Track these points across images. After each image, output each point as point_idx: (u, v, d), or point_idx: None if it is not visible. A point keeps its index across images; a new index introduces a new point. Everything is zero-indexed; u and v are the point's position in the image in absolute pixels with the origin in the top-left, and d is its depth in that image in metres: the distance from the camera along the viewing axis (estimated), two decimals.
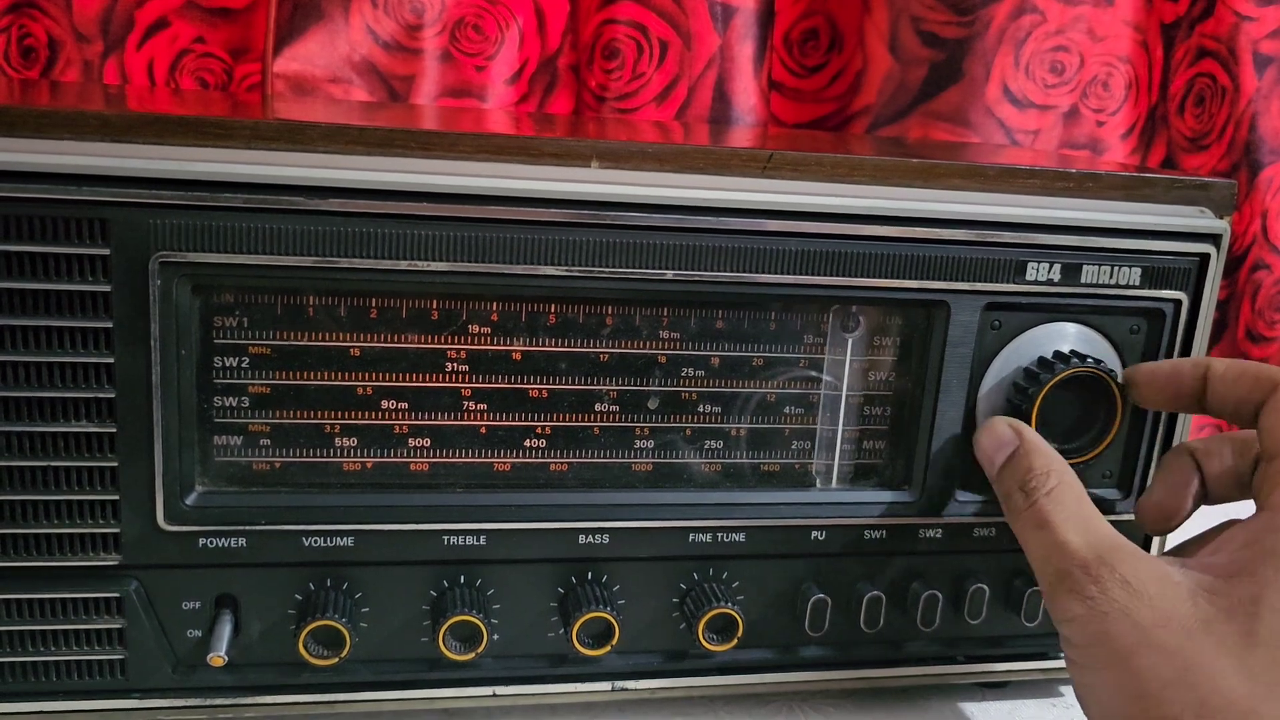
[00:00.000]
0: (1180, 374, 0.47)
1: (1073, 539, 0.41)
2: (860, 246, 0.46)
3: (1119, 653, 0.38)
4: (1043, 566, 0.42)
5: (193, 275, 0.42)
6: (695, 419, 0.49)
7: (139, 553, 0.44)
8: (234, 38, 0.76)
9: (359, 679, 0.48)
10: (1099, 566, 0.40)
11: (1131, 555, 0.40)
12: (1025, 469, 0.45)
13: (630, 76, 0.80)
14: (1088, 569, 0.40)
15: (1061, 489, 0.43)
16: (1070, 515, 0.42)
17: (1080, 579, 0.40)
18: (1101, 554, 0.40)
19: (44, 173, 0.40)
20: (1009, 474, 0.45)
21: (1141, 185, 0.50)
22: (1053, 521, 0.42)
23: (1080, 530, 0.41)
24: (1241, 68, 0.88)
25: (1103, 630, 0.38)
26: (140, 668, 0.45)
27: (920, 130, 0.85)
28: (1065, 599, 0.40)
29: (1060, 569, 0.41)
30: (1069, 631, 0.40)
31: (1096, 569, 0.40)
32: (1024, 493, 0.44)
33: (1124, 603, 0.38)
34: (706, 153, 0.45)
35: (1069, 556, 0.41)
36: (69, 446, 0.42)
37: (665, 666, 0.50)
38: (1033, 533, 0.43)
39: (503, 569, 0.48)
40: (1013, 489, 0.45)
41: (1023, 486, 0.44)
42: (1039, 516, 0.43)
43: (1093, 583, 0.39)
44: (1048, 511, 0.43)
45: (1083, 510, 0.42)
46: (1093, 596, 0.39)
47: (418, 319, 0.45)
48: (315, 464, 0.46)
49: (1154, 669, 0.37)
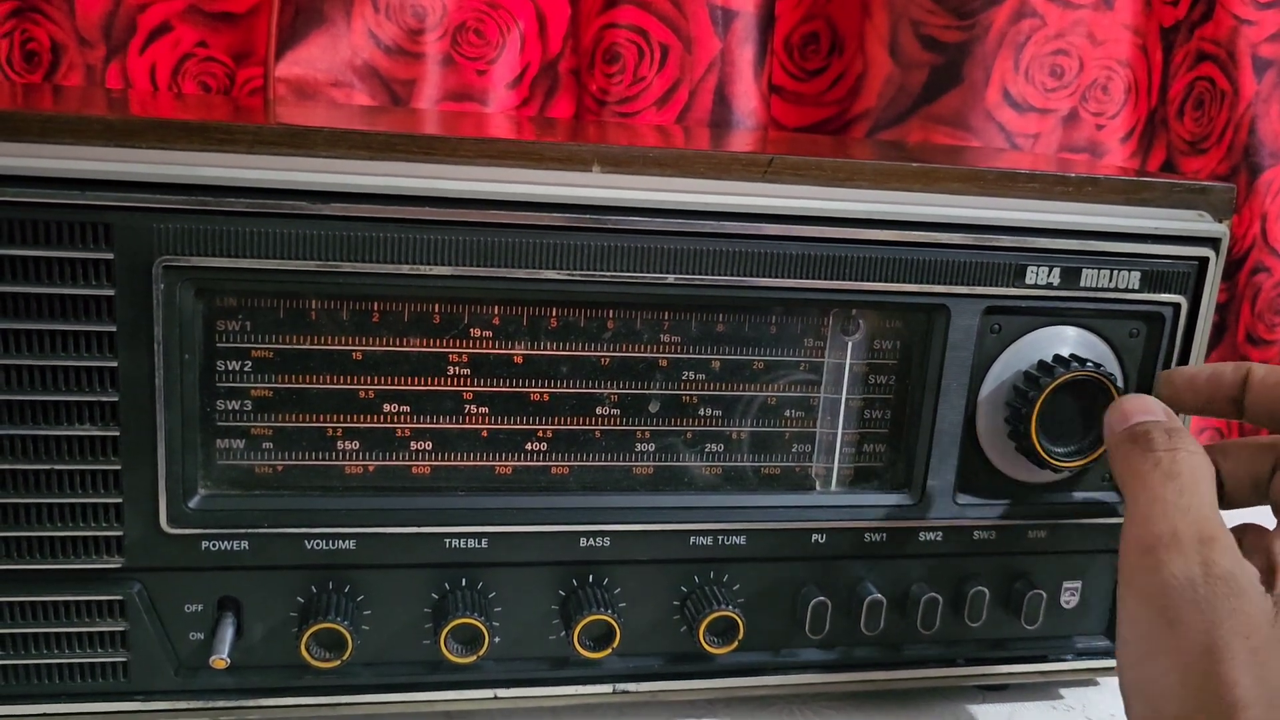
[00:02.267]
0: (1221, 378, 0.46)
1: (1208, 509, 0.40)
2: (860, 250, 0.47)
3: (1206, 629, 0.37)
4: (1158, 523, 0.40)
5: (196, 279, 0.42)
6: (696, 422, 0.49)
7: (142, 555, 0.44)
8: (236, 42, 0.76)
9: (361, 681, 0.48)
10: (1212, 546, 0.39)
11: (1235, 554, 0.39)
12: (1156, 419, 0.44)
13: (631, 80, 0.80)
14: (1212, 542, 0.39)
15: (1195, 452, 0.42)
16: (1201, 474, 0.41)
17: (1199, 549, 0.38)
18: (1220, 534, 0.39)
19: (48, 177, 0.40)
20: (1142, 424, 0.44)
21: (1140, 189, 0.50)
22: (1180, 477, 0.41)
23: (1202, 499, 0.40)
24: (1241, 71, 0.88)
25: (1202, 605, 0.37)
26: (143, 670, 0.46)
27: (920, 134, 0.85)
28: (1178, 561, 0.38)
29: (1189, 532, 0.39)
30: (1164, 600, 0.38)
31: (1211, 547, 0.38)
32: (1147, 444, 0.42)
33: (1228, 581, 0.37)
34: (707, 157, 0.46)
35: (1202, 522, 0.39)
36: (72, 450, 0.42)
37: (666, 669, 0.51)
38: (1164, 483, 0.41)
39: (504, 572, 0.48)
40: (1133, 440, 0.43)
41: (1152, 441, 0.43)
42: (1169, 468, 0.41)
43: (1218, 553, 0.38)
44: (1174, 468, 0.41)
45: (1209, 477, 0.41)
46: (1210, 563, 0.38)
47: (420, 323, 0.45)
48: (317, 467, 0.46)
49: (1236, 653, 0.36)
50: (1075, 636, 0.55)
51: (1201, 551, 0.38)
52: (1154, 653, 0.38)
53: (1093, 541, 0.53)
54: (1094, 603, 0.55)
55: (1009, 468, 0.51)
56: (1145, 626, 0.39)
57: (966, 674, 0.54)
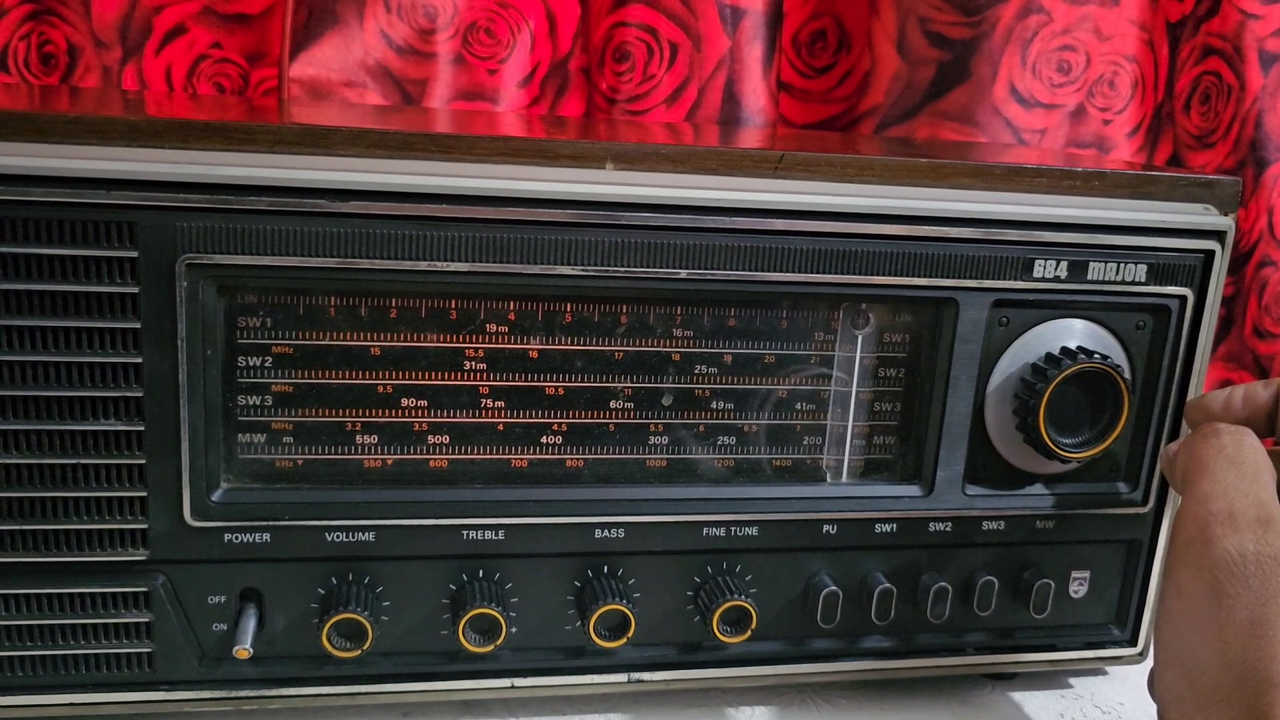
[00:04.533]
0: (1255, 398, 0.47)
1: (1267, 495, 0.41)
2: (870, 245, 0.47)
3: (1254, 604, 0.38)
4: (1217, 501, 0.41)
5: (218, 276, 0.43)
6: (708, 415, 0.50)
7: (166, 548, 0.45)
8: (250, 43, 0.77)
9: (380, 671, 0.49)
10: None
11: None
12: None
13: (641, 79, 0.81)
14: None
15: (1259, 449, 0.43)
16: (1264, 466, 0.42)
17: (1256, 529, 0.39)
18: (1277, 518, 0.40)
19: (73, 178, 0.41)
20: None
21: (1147, 183, 0.50)
22: (1247, 467, 0.42)
23: (1272, 492, 0.41)
24: (1247, 65, 0.89)
25: (1253, 582, 0.38)
26: (167, 661, 0.46)
27: (928, 130, 0.86)
28: (1233, 538, 0.39)
29: (1248, 513, 0.40)
30: (1215, 574, 0.39)
31: (1268, 528, 0.39)
32: (1233, 430, 0.43)
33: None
34: (718, 154, 0.46)
35: (1260, 505, 0.40)
36: (98, 444, 0.43)
37: (680, 658, 0.51)
38: (1226, 468, 0.42)
39: (521, 563, 0.49)
40: (1221, 427, 0.44)
41: (1235, 429, 0.43)
42: (1232, 455, 0.42)
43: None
44: (1236, 454, 0.42)
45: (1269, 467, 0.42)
46: (1265, 543, 0.39)
47: (437, 318, 0.46)
48: (337, 461, 0.47)
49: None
50: (1083, 626, 0.56)
51: (1257, 531, 0.39)
52: (1199, 625, 0.39)
53: (1101, 532, 0.54)
54: (1102, 592, 0.55)
55: (1017, 459, 0.52)
56: (1194, 599, 0.40)
57: (975, 663, 0.55)
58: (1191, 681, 0.39)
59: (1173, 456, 0.45)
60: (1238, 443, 0.43)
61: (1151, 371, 0.52)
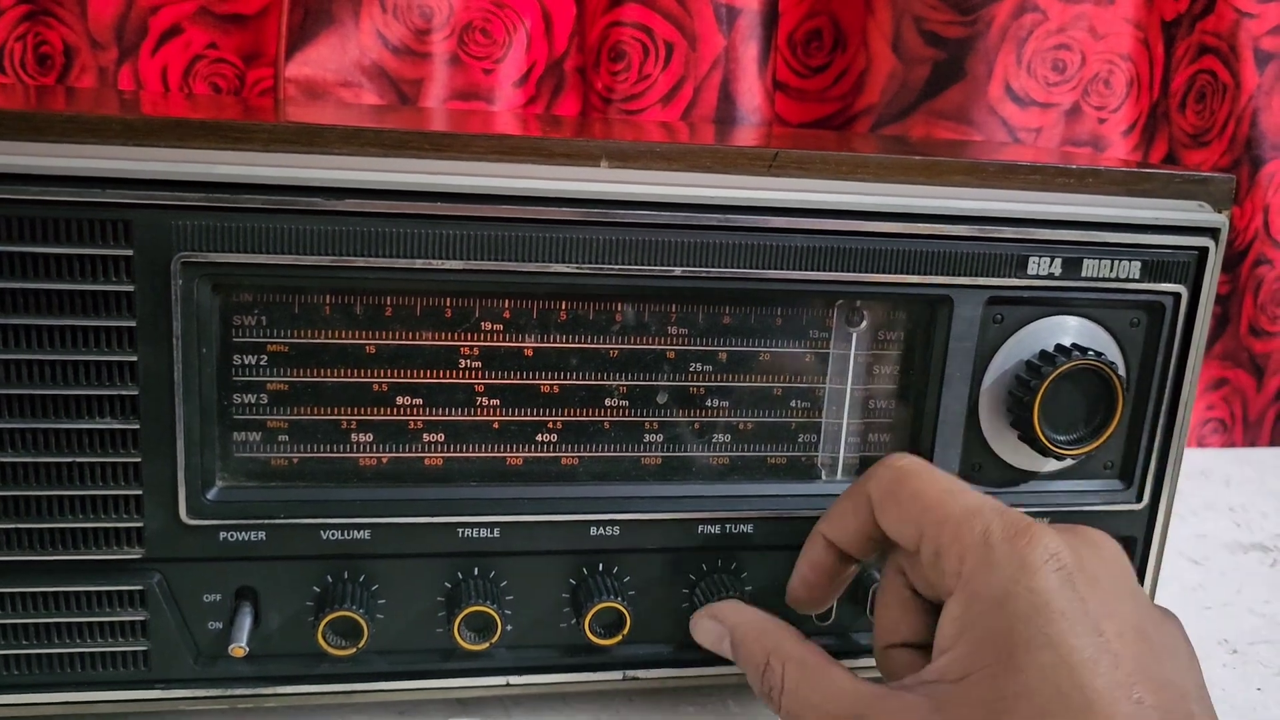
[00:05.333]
0: (820, 564, 0.47)
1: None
2: (864, 243, 0.47)
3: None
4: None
5: (213, 275, 0.43)
6: (703, 413, 0.50)
7: (161, 546, 0.45)
8: (246, 43, 0.77)
9: (376, 669, 0.49)
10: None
11: (882, 705, 0.38)
12: (750, 665, 0.44)
13: (636, 78, 0.81)
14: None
15: (791, 671, 0.42)
16: (812, 702, 0.41)
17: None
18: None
19: (69, 176, 0.41)
20: (743, 665, 0.44)
21: (1141, 180, 0.51)
22: (804, 716, 0.41)
23: (828, 706, 0.40)
24: (1242, 64, 0.89)
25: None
26: (162, 659, 0.46)
27: (923, 129, 0.86)
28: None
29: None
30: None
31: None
32: (766, 693, 0.43)
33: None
34: (713, 152, 0.46)
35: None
36: (93, 443, 0.43)
37: (676, 656, 0.51)
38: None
39: (516, 561, 0.49)
40: (754, 683, 0.43)
41: (762, 686, 0.43)
42: (790, 714, 0.42)
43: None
44: (795, 710, 0.41)
45: (819, 685, 0.41)
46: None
47: (432, 316, 0.46)
48: (332, 459, 0.47)
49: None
50: None
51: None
52: None
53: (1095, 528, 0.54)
54: None
55: (1012, 456, 0.52)
56: None
57: None
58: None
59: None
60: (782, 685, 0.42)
61: (1146, 368, 0.52)
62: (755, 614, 0.46)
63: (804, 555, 0.48)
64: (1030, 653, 0.35)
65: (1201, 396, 1.00)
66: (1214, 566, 0.73)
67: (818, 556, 0.47)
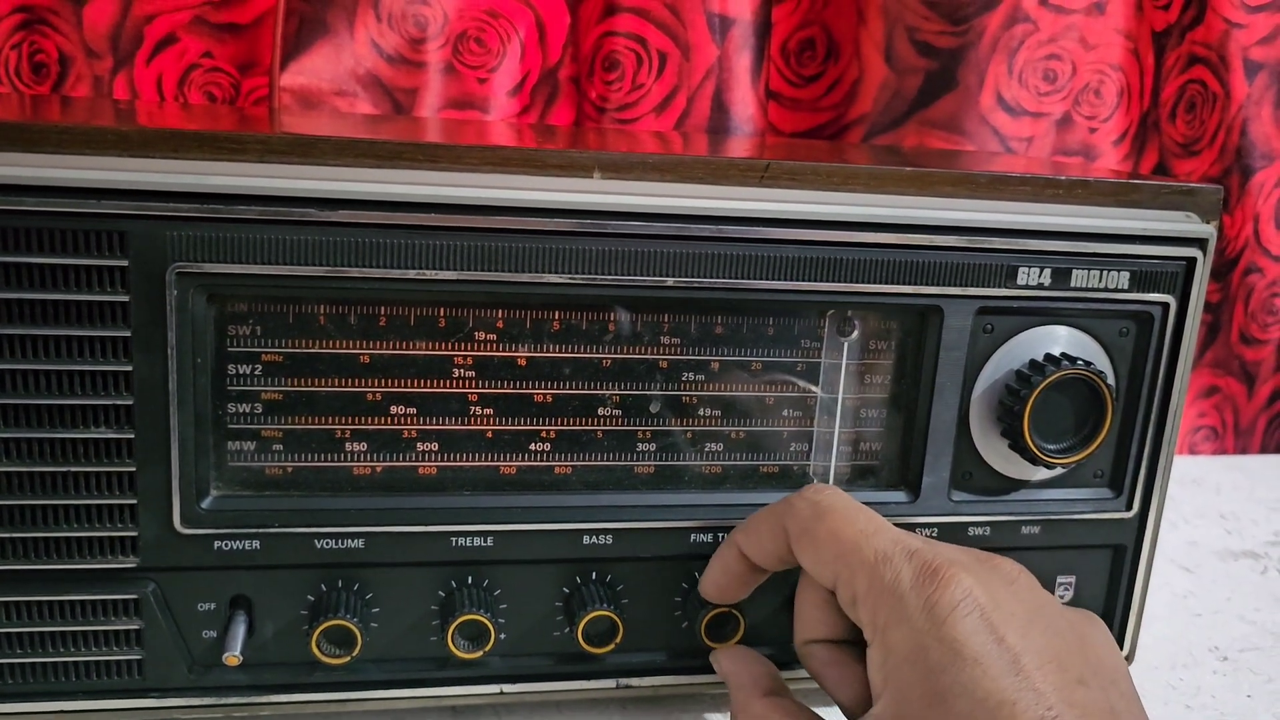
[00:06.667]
0: (730, 569, 0.48)
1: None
2: (855, 253, 0.48)
3: None
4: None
5: (208, 285, 0.43)
6: (696, 422, 0.50)
7: (156, 555, 0.45)
8: (241, 53, 0.77)
9: (370, 678, 0.49)
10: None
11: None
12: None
13: (630, 87, 0.82)
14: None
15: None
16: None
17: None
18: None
19: (64, 187, 0.41)
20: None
21: (1130, 191, 0.51)
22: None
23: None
24: (1232, 74, 0.90)
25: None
26: (157, 668, 0.47)
27: (916, 138, 0.87)
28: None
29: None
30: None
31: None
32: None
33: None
34: (705, 163, 0.47)
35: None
36: (88, 452, 0.43)
37: (669, 663, 0.52)
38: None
39: (509, 569, 0.49)
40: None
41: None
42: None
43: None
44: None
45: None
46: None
47: (425, 326, 0.46)
48: (326, 468, 0.47)
49: None
50: None
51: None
52: None
53: (1086, 537, 0.54)
54: (1088, 597, 0.56)
55: (1002, 465, 0.52)
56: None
57: None
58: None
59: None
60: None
61: (1135, 378, 0.52)
62: (740, 666, 0.47)
63: (717, 559, 0.48)
64: (950, 701, 0.36)
65: (1192, 404, 1.00)
66: (1205, 574, 0.74)
67: (730, 564, 0.48)
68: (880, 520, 0.43)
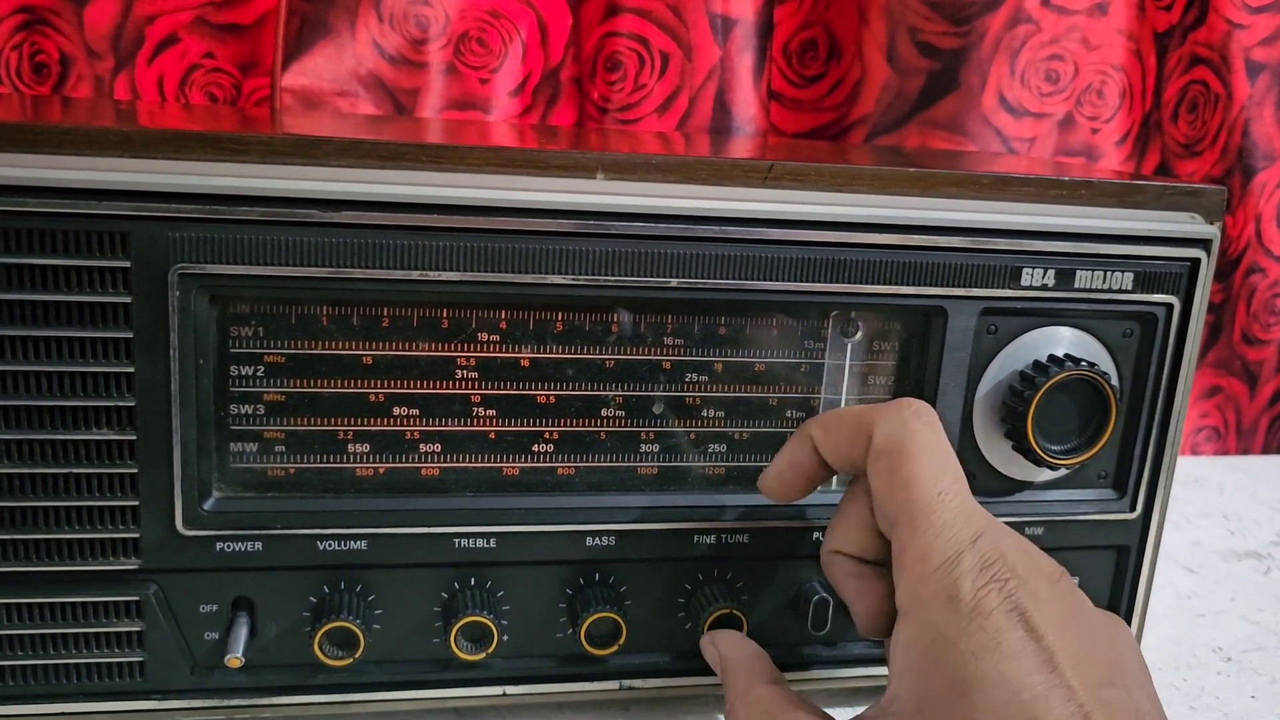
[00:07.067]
0: (799, 463, 0.46)
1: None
2: (859, 254, 0.48)
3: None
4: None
5: (210, 286, 0.43)
6: (699, 423, 0.50)
7: (158, 557, 0.45)
8: (242, 53, 0.77)
9: (372, 679, 0.49)
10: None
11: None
12: (726, 700, 0.46)
13: (632, 88, 0.82)
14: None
15: (753, 715, 0.44)
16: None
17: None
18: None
19: (66, 188, 0.41)
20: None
21: (1133, 192, 0.51)
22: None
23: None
24: (1234, 75, 0.90)
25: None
26: (159, 669, 0.47)
27: (918, 139, 0.86)
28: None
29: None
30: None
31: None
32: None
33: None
34: (708, 164, 0.47)
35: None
36: (91, 454, 0.43)
37: (672, 665, 0.52)
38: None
39: (512, 571, 0.49)
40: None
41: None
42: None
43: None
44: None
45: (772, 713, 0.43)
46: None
47: (428, 327, 0.46)
48: (329, 469, 0.47)
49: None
50: None
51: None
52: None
53: (1089, 538, 0.54)
54: (1091, 598, 0.55)
55: (1006, 466, 0.52)
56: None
57: None
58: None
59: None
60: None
61: (1139, 378, 0.52)
62: (742, 651, 0.47)
63: (787, 450, 0.47)
64: (984, 690, 0.36)
65: (1195, 404, 1.00)
66: (1208, 574, 0.73)
67: (801, 458, 0.46)
68: (960, 482, 0.42)
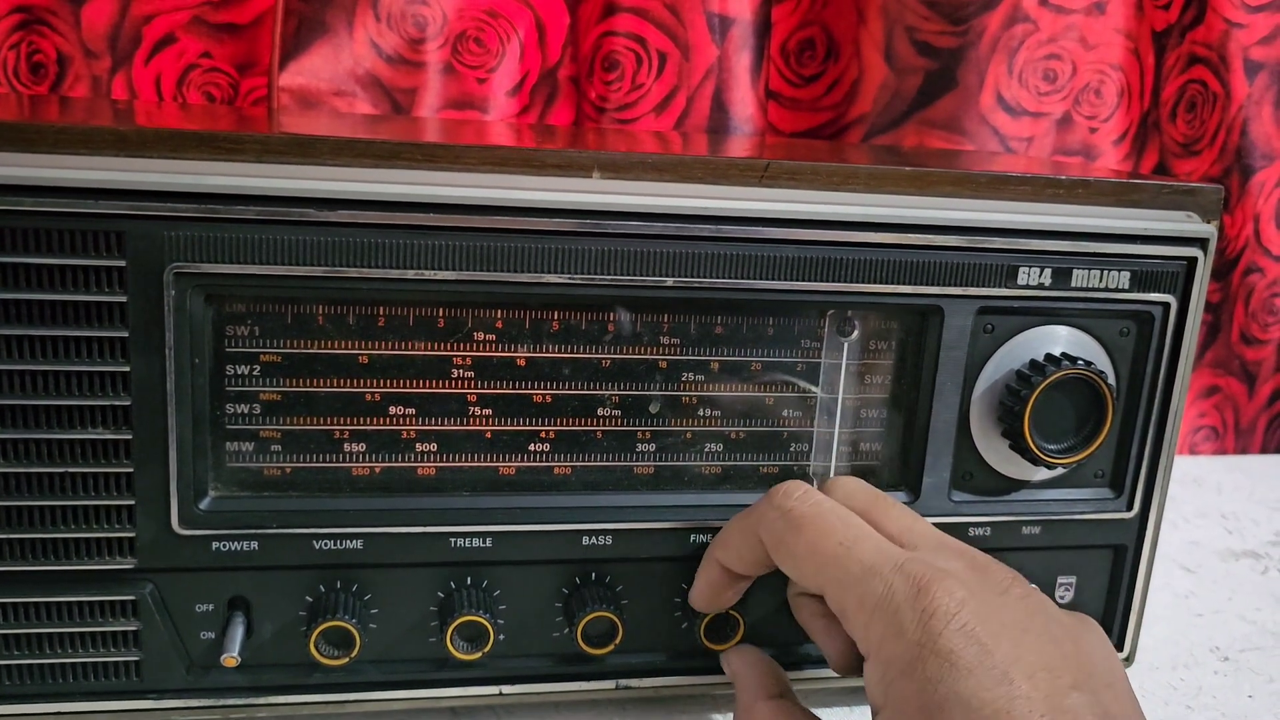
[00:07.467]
0: (716, 583, 0.48)
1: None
2: (855, 253, 0.48)
3: None
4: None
5: (206, 285, 0.43)
6: (695, 422, 0.50)
7: (154, 556, 0.45)
8: (240, 53, 0.77)
9: (368, 679, 0.49)
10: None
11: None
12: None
13: (630, 87, 0.81)
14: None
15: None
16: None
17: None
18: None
19: (62, 187, 0.41)
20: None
21: (1130, 191, 0.51)
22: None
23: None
24: (1232, 74, 0.89)
25: None
26: (155, 669, 0.46)
27: (915, 138, 0.86)
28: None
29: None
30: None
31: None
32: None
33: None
34: (705, 163, 0.47)
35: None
36: (86, 453, 0.43)
37: (668, 664, 0.51)
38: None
39: (508, 570, 0.49)
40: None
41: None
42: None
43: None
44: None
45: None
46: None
47: (424, 327, 0.46)
48: (325, 469, 0.47)
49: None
50: None
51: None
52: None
53: (1086, 537, 0.54)
54: (1088, 598, 0.56)
55: (1003, 465, 0.52)
56: None
57: None
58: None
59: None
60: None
61: (1136, 377, 0.52)
62: (750, 667, 0.48)
63: (701, 572, 0.49)
64: (945, 712, 0.36)
65: (1193, 404, 1.00)
66: (1206, 574, 0.73)
67: (715, 577, 0.48)
68: (858, 526, 0.43)
